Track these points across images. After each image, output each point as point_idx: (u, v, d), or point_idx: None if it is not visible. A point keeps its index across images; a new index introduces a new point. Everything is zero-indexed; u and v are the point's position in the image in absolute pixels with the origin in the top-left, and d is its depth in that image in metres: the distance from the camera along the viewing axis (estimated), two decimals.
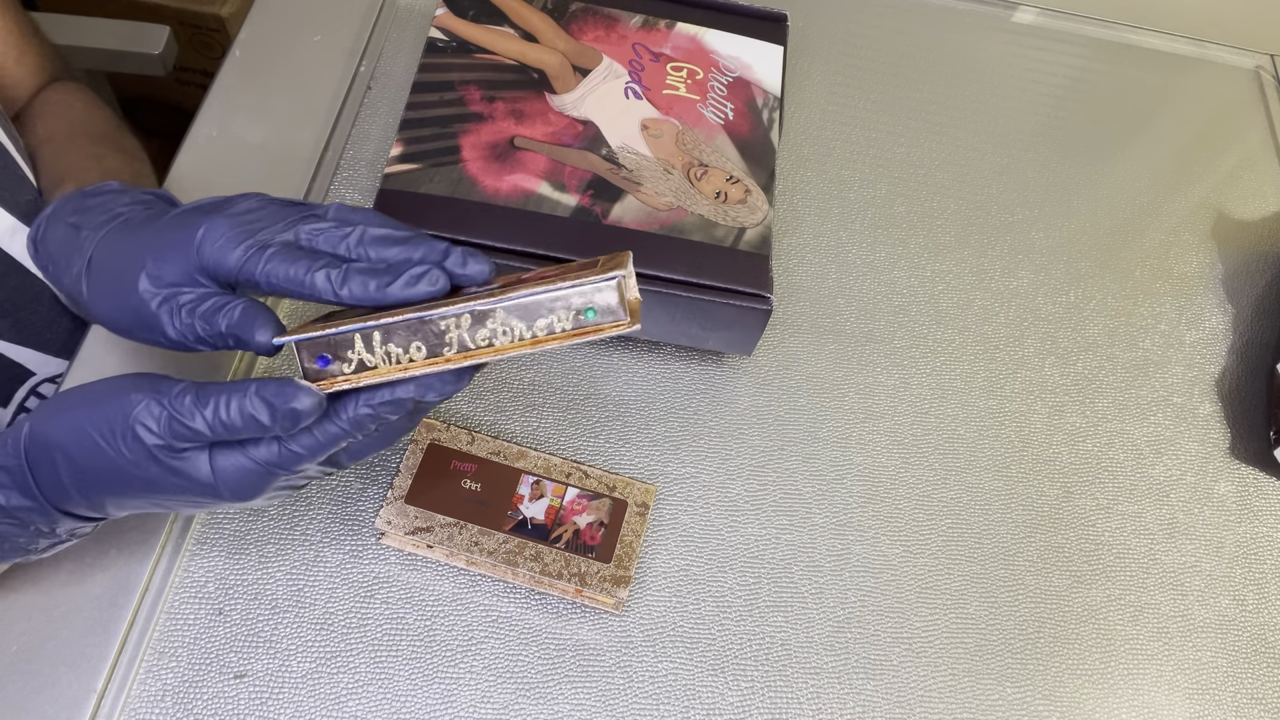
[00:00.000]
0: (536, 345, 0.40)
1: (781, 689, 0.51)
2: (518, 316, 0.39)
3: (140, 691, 0.48)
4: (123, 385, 0.40)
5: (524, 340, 0.39)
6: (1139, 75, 0.80)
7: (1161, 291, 0.69)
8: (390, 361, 0.39)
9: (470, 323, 0.39)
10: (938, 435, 0.61)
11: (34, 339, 0.56)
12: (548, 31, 0.63)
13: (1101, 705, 0.53)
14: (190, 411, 0.39)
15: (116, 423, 0.39)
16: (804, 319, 0.64)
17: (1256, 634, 0.57)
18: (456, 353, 0.40)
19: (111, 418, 0.39)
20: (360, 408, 0.40)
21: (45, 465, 0.41)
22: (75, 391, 0.41)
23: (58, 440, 0.40)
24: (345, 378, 0.40)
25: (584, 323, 0.39)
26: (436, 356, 0.39)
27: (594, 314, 0.39)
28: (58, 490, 0.41)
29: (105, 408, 0.40)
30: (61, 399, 0.41)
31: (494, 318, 0.39)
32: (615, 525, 0.52)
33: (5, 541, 0.42)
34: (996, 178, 0.72)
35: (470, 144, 0.57)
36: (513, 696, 0.49)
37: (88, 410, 0.40)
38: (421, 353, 0.39)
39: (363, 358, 0.39)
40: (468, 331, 0.39)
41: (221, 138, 0.64)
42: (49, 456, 0.40)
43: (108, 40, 0.87)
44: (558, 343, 0.40)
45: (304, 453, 0.40)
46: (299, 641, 0.49)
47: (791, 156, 0.71)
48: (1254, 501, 0.61)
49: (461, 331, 0.39)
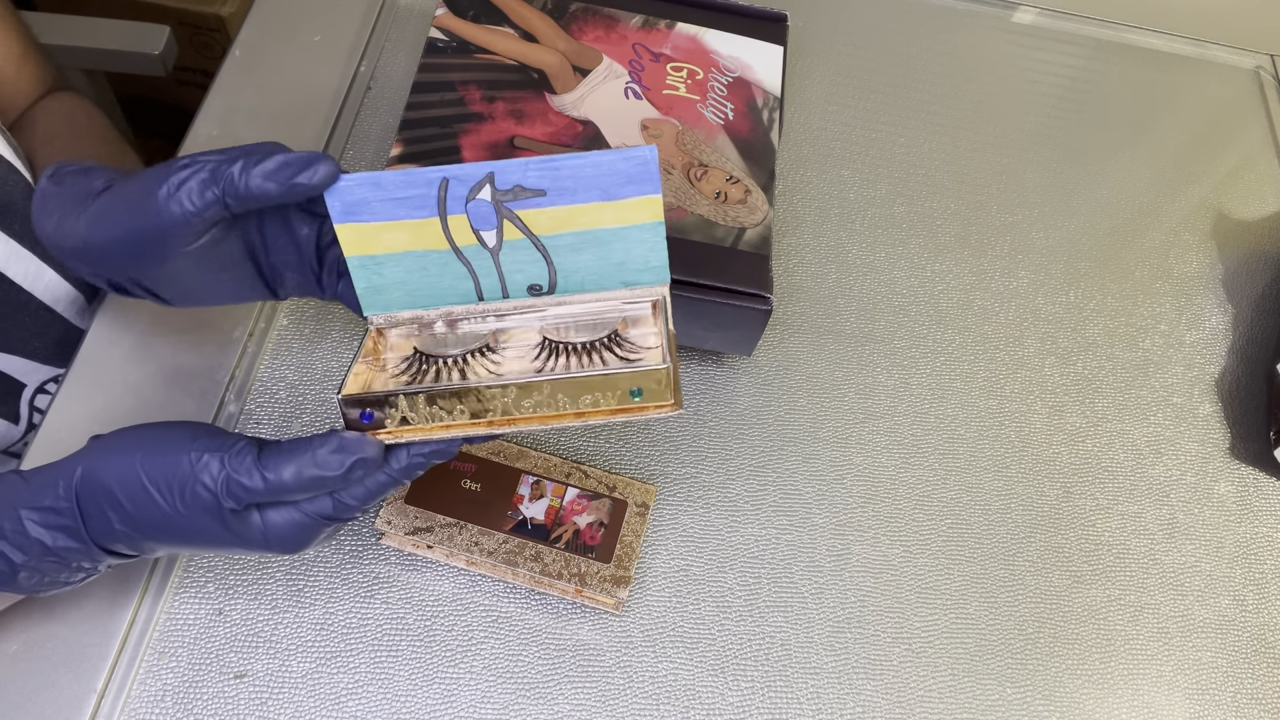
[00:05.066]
0: (579, 419, 0.41)
1: (781, 689, 0.51)
2: (564, 392, 0.40)
3: (140, 691, 0.47)
4: (182, 437, 0.40)
5: (567, 412, 0.41)
6: (1139, 75, 0.80)
7: (1161, 291, 0.69)
8: (433, 420, 0.40)
9: (516, 394, 0.40)
10: (938, 435, 0.61)
11: (20, 347, 0.56)
12: (548, 31, 0.63)
13: (1101, 705, 0.53)
14: (250, 472, 0.39)
15: (174, 477, 0.39)
16: (804, 319, 0.64)
17: (1256, 634, 0.57)
18: (500, 417, 0.41)
19: (169, 471, 0.39)
20: (411, 458, 0.41)
21: (96, 509, 0.40)
22: (132, 434, 0.41)
23: (111, 487, 0.40)
24: (388, 432, 0.40)
25: (630, 402, 0.41)
26: (479, 419, 0.41)
27: (640, 395, 0.41)
28: (106, 533, 0.41)
29: (163, 459, 0.39)
30: (118, 440, 0.41)
31: (540, 390, 0.40)
32: (615, 525, 0.52)
33: (45, 577, 0.42)
34: (996, 178, 0.72)
35: (470, 144, 0.57)
36: (513, 696, 0.49)
37: (145, 458, 0.40)
38: (465, 415, 0.40)
39: (406, 415, 0.40)
40: (513, 400, 0.40)
41: (221, 138, 0.64)
42: (101, 502, 0.40)
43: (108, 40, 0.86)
44: (602, 418, 0.41)
45: (355, 504, 0.41)
46: (299, 641, 0.49)
47: (791, 156, 0.71)
48: (1254, 501, 0.61)
49: (508, 400, 0.40)
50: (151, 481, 0.39)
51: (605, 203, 0.43)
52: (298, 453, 0.39)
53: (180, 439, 0.40)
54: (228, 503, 0.39)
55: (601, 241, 0.44)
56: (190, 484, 0.39)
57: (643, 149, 0.43)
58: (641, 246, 0.44)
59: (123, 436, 0.41)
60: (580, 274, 0.44)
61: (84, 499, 0.40)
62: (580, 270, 0.44)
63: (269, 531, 0.40)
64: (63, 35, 0.86)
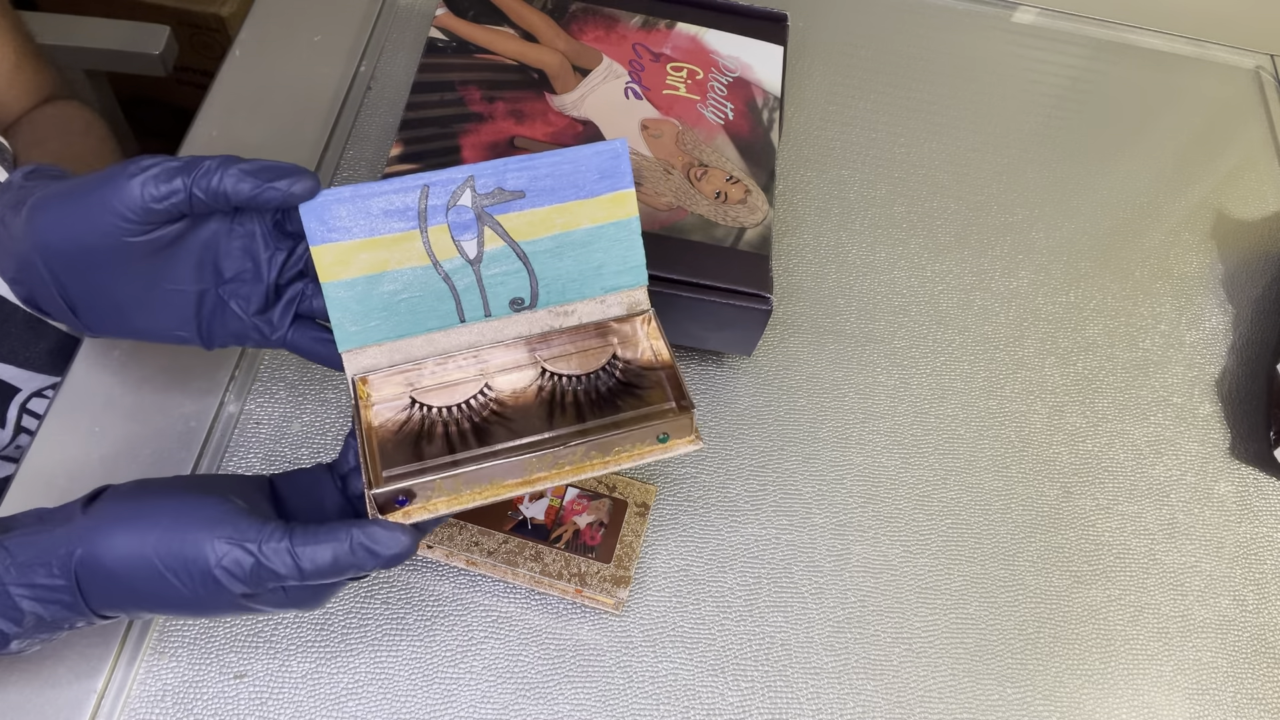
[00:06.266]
0: (607, 466, 0.42)
1: (781, 689, 0.51)
2: (598, 449, 0.41)
3: (140, 691, 0.47)
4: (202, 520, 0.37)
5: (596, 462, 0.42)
6: (1139, 75, 0.80)
7: (1161, 291, 0.69)
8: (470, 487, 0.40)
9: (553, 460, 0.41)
10: (938, 435, 0.61)
11: (11, 357, 0.56)
12: (548, 31, 0.63)
13: (1101, 705, 0.53)
14: (282, 560, 0.37)
15: (194, 566, 0.37)
16: (804, 319, 0.64)
17: (1256, 634, 0.57)
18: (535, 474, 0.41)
19: (190, 560, 0.37)
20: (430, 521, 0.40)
21: (98, 589, 0.38)
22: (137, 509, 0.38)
23: (118, 571, 0.37)
24: (424, 508, 0.40)
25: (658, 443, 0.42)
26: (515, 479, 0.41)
27: (667, 438, 0.42)
28: (107, 606, 0.39)
29: (184, 547, 0.37)
30: (121, 518, 0.38)
31: (575, 453, 0.41)
32: (615, 525, 0.52)
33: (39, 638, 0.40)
34: (996, 178, 0.72)
35: (470, 144, 0.57)
36: (513, 696, 0.49)
37: (157, 540, 0.37)
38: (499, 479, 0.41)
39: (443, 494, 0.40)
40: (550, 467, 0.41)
41: (221, 138, 0.64)
42: (105, 584, 0.38)
43: (108, 40, 0.86)
44: (631, 462, 0.42)
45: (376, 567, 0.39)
46: (299, 641, 0.49)
47: (791, 156, 0.71)
48: (1254, 501, 0.61)
49: (543, 470, 0.41)
50: (166, 565, 0.37)
51: (581, 200, 0.43)
52: (333, 542, 0.37)
53: (200, 523, 0.37)
54: (255, 589, 0.37)
55: (580, 244, 0.44)
56: (215, 574, 0.37)
57: (613, 142, 0.43)
58: (619, 246, 0.44)
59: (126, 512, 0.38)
60: (561, 281, 0.44)
61: (84, 579, 0.38)
62: (561, 278, 0.44)
63: (291, 599, 0.39)
64: (63, 36, 0.86)
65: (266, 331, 0.44)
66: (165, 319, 0.43)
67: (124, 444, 0.53)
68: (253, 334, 0.44)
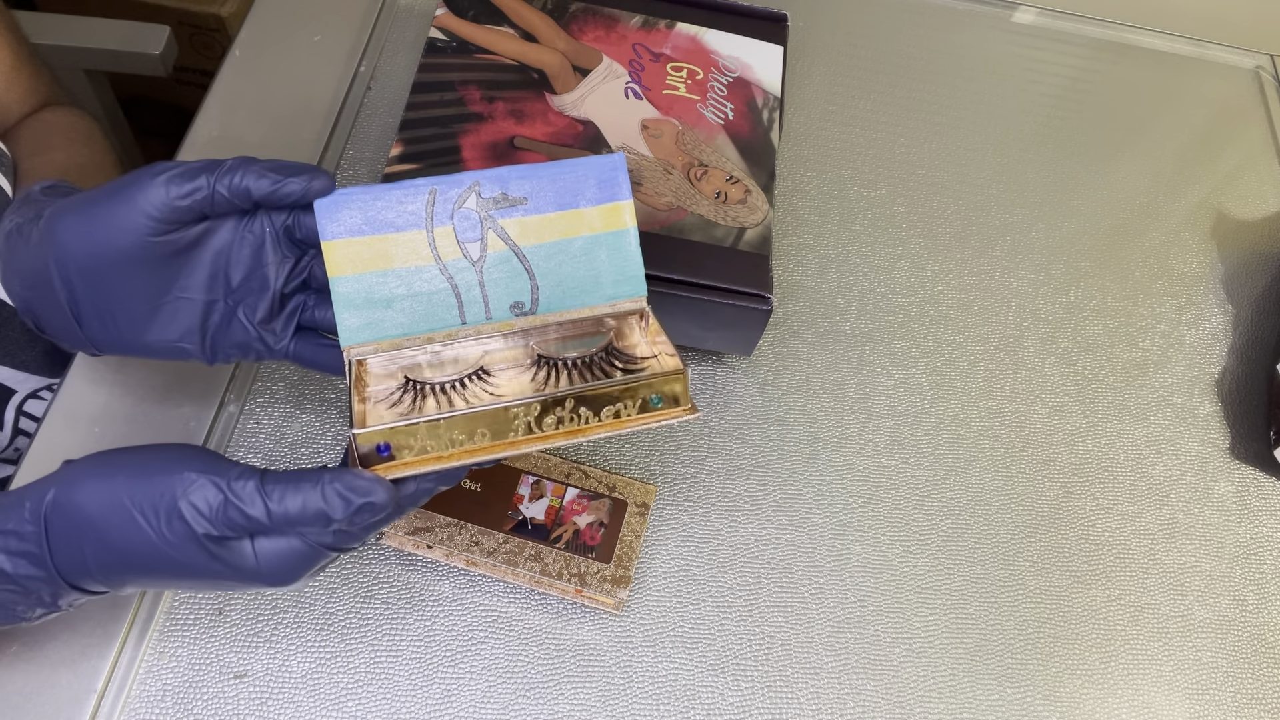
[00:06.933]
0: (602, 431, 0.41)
1: (781, 689, 0.51)
2: (587, 405, 0.40)
3: (140, 691, 0.47)
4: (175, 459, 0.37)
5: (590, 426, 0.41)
6: (1139, 75, 0.80)
7: (1161, 291, 0.69)
8: (454, 446, 0.39)
9: (539, 411, 0.40)
10: (938, 435, 0.61)
11: (10, 359, 0.56)
12: (548, 31, 0.63)
13: (1101, 705, 0.53)
14: (252, 499, 0.36)
15: (163, 501, 0.36)
16: (804, 319, 0.64)
17: (1256, 634, 0.57)
18: (522, 436, 0.40)
19: (157, 495, 0.36)
20: (419, 485, 0.39)
21: (67, 538, 0.37)
22: (112, 457, 0.38)
23: (89, 513, 0.37)
24: (405, 463, 0.39)
25: (650, 408, 0.41)
26: (501, 440, 0.40)
27: (660, 401, 0.41)
28: (76, 566, 0.38)
29: (153, 483, 0.36)
30: (96, 463, 0.38)
31: (564, 405, 0.40)
32: (615, 525, 0.52)
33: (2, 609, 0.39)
34: (996, 178, 0.72)
35: (470, 144, 0.57)
36: (513, 696, 0.49)
37: (131, 482, 0.37)
38: (485, 437, 0.40)
39: (426, 444, 0.39)
40: (535, 418, 0.40)
41: (221, 138, 0.64)
42: (74, 530, 0.37)
43: (108, 40, 0.86)
44: (624, 429, 0.41)
45: (360, 533, 0.39)
46: (299, 641, 0.49)
47: (791, 156, 0.71)
48: (1254, 501, 0.61)
49: (530, 419, 0.40)
50: (136, 504, 0.36)
51: (581, 209, 0.44)
52: (305, 485, 0.36)
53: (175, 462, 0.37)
54: (223, 530, 0.36)
55: (580, 253, 0.44)
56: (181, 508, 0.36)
57: (612, 155, 0.44)
58: (618, 256, 0.45)
59: (102, 459, 0.38)
60: (561, 288, 0.45)
61: (53, 525, 0.37)
62: (561, 284, 0.45)
63: (262, 561, 0.38)
64: (63, 35, 0.86)
65: (270, 341, 0.44)
66: (173, 329, 0.43)
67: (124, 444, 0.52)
68: (256, 344, 0.44)
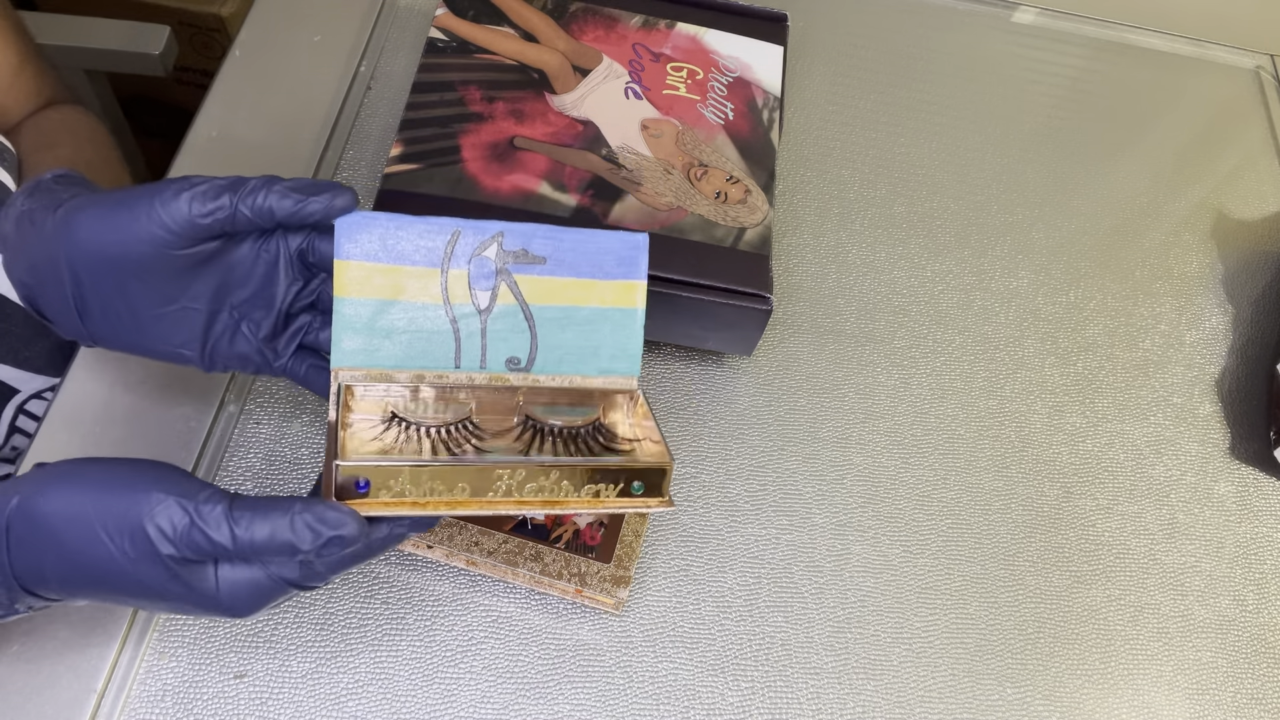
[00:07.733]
0: (578, 507, 0.41)
1: (781, 689, 0.51)
2: (570, 479, 0.40)
3: (140, 691, 0.47)
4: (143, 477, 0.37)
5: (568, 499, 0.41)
6: (1139, 75, 0.80)
7: (1161, 291, 0.69)
8: (432, 495, 0.39)
9: (524, 476, 0.40)
10: (938, 435, 0.61)
11: (11, 357, 0.56)
12: (548, 31, 0.63)
13: (1101, 705, 0.53)
14: (218, 524, 0.35)
15: (127, 518, 0.36)
16: (804, 319, 0.64)
17: (1256, 634, 0.57)
18: (501, 498, 0.40)
19: (123, 512, 0.36)
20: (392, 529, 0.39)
21: (28, 545, 0.36)
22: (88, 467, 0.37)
23: (51, 522, 0.36)
24: (382, 503, 0.38)
25: (630, 493, 0.41)
26: (479, 497, 0.40)
27: (641, 489, 0.41)
28: (33, 574, 0.37)
29: (118, 498, 0.36)
30: (67, 470, 0.37)
31: (549, 475, 0.40)
32: (615, 525, 0.52)
33: None
34: (996, 178, 0.72)
35: (470, 144, 0.57)
36: (513, 696, 0.49)
37: (97, 496, 0.36)
38: (465, 492, 0.40)
39: (405, 488, 0.39)
40: (518, 482, 0.40)
41: (221, 138, 0.64)
42: (35, 538, 0.36)
43: (108, 40, 0.86)
44: (602, 508, 0.41)
45: (325, 571, 0.38)
46: (299, 641, 0.49)
47: (791, 156, 0.71)
48: (1254, 501, 0.61)
49: (514, 482, 0.40)
50: (100, 519, 0.36)
51: (595, 280, 0.45)
52: (274, 514, 0.36)
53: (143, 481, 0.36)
54: (185, 553, 0.36)
55: (584, 321, 0.45)
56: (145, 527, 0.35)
57: (637, 235, 0.45)
58: (621, 333, 0.45)
59: (72, 468, 0.37)
60: (559, 352, 0.45)
61: (15, 529, 0.36)
62: (559, 348, 0.45)
63: (223, 591, 0.37)
64: (63, 35, 0.86)
65: (270, 358, 0.45)
66: (175, 335, 0.43)
67: (124, 444, 0.53)
68: (256, 358, 0.45)
